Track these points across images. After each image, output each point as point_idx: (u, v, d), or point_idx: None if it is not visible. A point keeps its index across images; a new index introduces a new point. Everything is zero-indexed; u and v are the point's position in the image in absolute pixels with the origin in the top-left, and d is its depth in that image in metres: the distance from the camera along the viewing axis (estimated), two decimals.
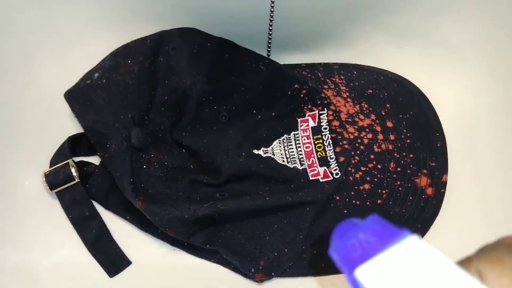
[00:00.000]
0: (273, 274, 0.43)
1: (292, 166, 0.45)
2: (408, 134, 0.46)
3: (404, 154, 0.46)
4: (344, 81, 0.49)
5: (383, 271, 0.18)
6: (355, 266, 0.18)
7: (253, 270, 0.42)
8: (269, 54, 0.52)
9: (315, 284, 0.44)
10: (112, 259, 0.44)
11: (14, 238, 0.44)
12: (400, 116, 0.47)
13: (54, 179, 0.43)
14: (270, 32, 0.50)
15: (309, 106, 0.46)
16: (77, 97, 0.44)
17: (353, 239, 0.19)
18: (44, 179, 0.43)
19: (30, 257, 0.44)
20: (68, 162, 0.44)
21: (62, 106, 0.47)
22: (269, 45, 0.51)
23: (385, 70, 0.51)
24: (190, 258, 0.45)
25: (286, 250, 0.43)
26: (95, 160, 0.47)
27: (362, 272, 0.18)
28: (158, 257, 0.45)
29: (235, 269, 0.44)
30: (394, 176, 0.45)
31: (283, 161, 0.45)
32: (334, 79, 0.49)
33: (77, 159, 0.47)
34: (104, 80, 0.44)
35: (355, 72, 0.50)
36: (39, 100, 0.48)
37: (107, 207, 0.46)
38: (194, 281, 0.44)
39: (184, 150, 0.46)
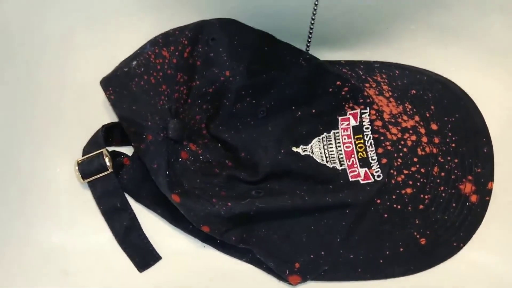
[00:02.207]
0: (308, 277, 0.41)
1: (331, 166, 0.43)
2: (454, 138, 0.44)
3: (449, 158, 0.44)
4: (386, 80, 0.48)
5: None
6: None
7: (287, 272, 0.41)
8: (308, 49, 0.50)
9: None
10: (142, 254, 0.43)
11: (41, 222, 0.43)
12: (445, 119, 0.45)
13: (87, 168, 0.42)
14: (312, 27, 0.48)
15: (351, 104, 0.45)
16: (113, 85, 0.43)
17: None
18: (76, 167, 0.42)
19: (58, 243, 0.43)
20: (102, 152, 0.42)
21: (95, 94, 0.46)
22: (309, 40, 0.50)
23: (428, 70, 0.49)
24: (221, 256, 0.43)
25: (322, 253, 0.41)
26: (127, 150, 0.46)
27: None
28: (188, 254, 0.44)
29: (268, 269, 0.42)
30: (438, 181, 0.43)
31: (322, 160, 0.43)
32: (375, 78, 0.48)
33: (109, 149, 0.45)
34: (143, 69, 0.43)
35: (397, 72, 0.48)
36: (73, 87, 0.47)
37: (138, 199, 0.44)
38: (224, 280, 0.43)
39: (220, 145, 0.44)
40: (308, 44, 0.50)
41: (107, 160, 0.42)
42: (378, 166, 0.43)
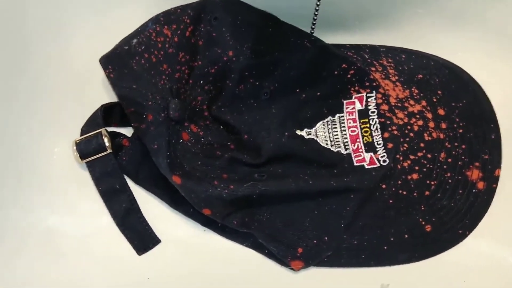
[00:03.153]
0: (310, 262, 0.40)
1: (335, 150, 0.42)
2: (461, 124, 0.43)
3: (456, 144, 0.43)
4: (392, 64, 0.47)
5: None
6: None
7: (290, 257, 0.40)
8: (312, 32, 0.49)
9: (354, 276, 0.41)
10: (141, 236, 0.42)
11: (39, 203, 0.42)
12: (453, 104, 0.44)
13: (85, 148, 0.41)
14: (317, 8, 0.47)
15: (356, 88, 0.44)
16: (113, 63, 0.42)
17: None
18: (75, 147, 0.41)
19: (56, 224, 0.42)
20: (101, 131, 0.41)
21: (94, 72, 0.45)
22: (314, 23, 0.48)
23: (435, 55, 0.48)
24: (221, 241, 0.42)
25: (326, 238, 0.40)
26: (126, 132, 0.45)
27: None
28: (188, 237, 0.43)
29: (269, 254, 0.41)
30: (444, 167, 0.42)
31: (327, 144, 0.42)
32: (381, 62, 0.47)
33: (108, 130, 0.44)
34: (143, 47, 0.41)
35: (403, 56, 0.47)
36: (71, 66, 0.46)
37: (137, 181, 0.43)
38: (224, 264, 0.42)
39: (222, 127, 0.43)
40: (313, 27, 0.49)
41: (106, 140, 0.41)
42: (384, 151, 0.42)
